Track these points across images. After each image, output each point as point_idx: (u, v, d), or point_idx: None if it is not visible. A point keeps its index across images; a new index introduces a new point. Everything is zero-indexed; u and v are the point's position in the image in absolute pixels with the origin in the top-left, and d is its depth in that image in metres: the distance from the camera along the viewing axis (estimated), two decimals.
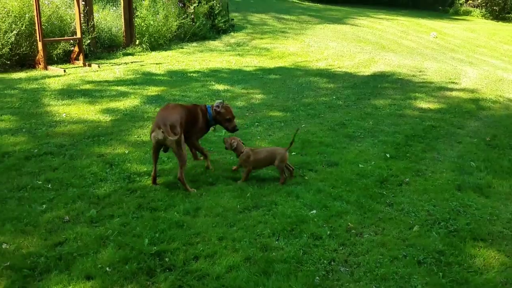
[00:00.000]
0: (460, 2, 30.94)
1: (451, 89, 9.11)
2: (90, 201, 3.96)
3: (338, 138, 5.84)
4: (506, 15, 28.55)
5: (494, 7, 29.52)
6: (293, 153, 5.26)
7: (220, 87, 8.47)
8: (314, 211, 3.88)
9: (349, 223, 3.71)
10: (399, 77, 10.14)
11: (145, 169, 4.68)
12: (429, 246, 3.39)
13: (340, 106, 7.51)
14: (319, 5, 25.05)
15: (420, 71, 11.02)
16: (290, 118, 6.70)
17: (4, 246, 3.23)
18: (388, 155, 5.28)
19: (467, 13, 30.05)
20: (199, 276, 2.99)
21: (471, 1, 31.11)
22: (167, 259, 3.15)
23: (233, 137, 4.67)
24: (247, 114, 6.83)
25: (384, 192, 4.32)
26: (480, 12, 30.00)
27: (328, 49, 13.64)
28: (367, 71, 10.72)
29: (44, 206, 3.82)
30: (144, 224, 3.59)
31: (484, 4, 30.33)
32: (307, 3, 25.48)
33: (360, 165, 4.95)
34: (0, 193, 3.97)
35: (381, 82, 9.51)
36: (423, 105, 7.77)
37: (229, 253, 3.24)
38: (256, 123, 6.35)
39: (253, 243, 3.37)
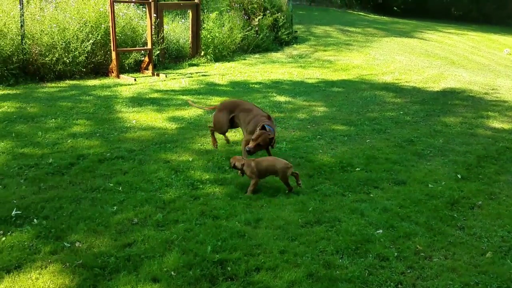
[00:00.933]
0: None
1: None
2: (157, 205, 4.10)
3: (405, 155, 5.63)
4: None
5: None
6: (357, 168, 5.14)
7: (282, 98, 8.49)
8: (380, 231, 3.75)
9: (417, 246, 3.55)
10: (470, 95, 9.63)
11: (208, 176, 4.77)
12: (503, 275, 3.16)
13: (408, 122, 7.25)
14: (385, 18, 24.50)
15: (492, 89, 10.40)
16: (354, 132, 6.56)
17: (77, 244, 3.41)
18: (459, 176, 5.00)
19: None
20: None
21: None
22: (229, 268, 3.17)
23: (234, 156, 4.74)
24: (308, 126, 6.78)
25: (455, 215, 4.08)
26: None
27: (394, 62, 13.27)
28: (436, 86, 10.29)
29: (115, 207, 4.01)
30: (207, 231, 3.65)
31: None
32: (373, 16, 25.03)
33: (429, 185, 4.74)
34: (76, 193, 4.22)
35: (451, 98, 9.08)
36: (496, 124, 7.31)
37: (291, 267, 3.20)
38: (318, 136, 6.29)
39: (315, 259, 3.31)
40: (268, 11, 14.26)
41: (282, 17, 14.73)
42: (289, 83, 9.93)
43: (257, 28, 13.87)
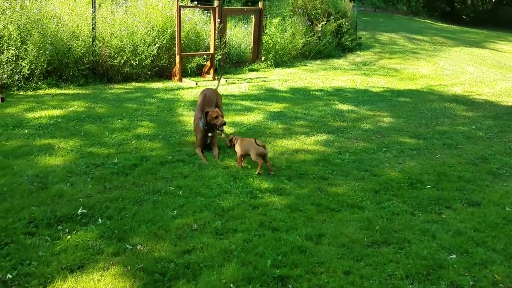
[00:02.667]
0: None
1: None
2: (216, 212, 4.04)
3: (479, 174, 5.20)
4: None
5: None
6: (427, 186, 4.80)
7: (344, 107, 8.22)
8: (454, 256, 3.43)
9: (495, 275, 3.20)
10: None
11: (266, 185, 4.65)
12: None
13: (481, 137, 6.74)
14: (454, 27, 23.34)
15: None
16: (423, 146, 6.18)
17: (139, 247, 3.41)
18: None
19: None
20: None
21: None
22: (290, 286, 3.02)
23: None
24: (373, 138, 6.47)
25: None
26: None
27: (464, 73, 12.51)
28: (510, 101, 9.55)
29: (175, 211, 3.99)
30: (267, 243, 3.52)
31: None
32: (441, 24, 23.92)
33: (507, 208, 4.32)
34: (138, 195, 4.26)
35: None
36: None
37: None
38: (384, 149, 5.98)
39: (383, 284, 3.08)
40: (332, 17, 14.00)
41: (347, 23, 14.39)
42: (352, 91, 9.62)
43: (320, 34, 13.65)
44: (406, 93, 9.65)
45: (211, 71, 10.52)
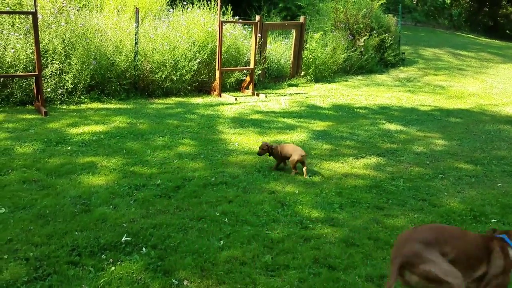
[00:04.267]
0: None
1: None
2: (264, 244, 3.77)
3: None
4: None
5: None
6: (492, 220, 4.38)
7: (392, 126, 7.83)
8: None
9: None
10: None
11: (317, 214, 4.35)
12: None
13: None
14: (499, 42, 22.45)
15: None
16: (482, 173, 5.72)
17: (185, 283, 3.18)
18: None
19: None
20: None
21: None
22: None
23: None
24: (427, 162, 6.06)
25: None
26: None
27: None
28: None
29: (222, 242, 3.75)
30: (323, 285, 3.21)
31: None
32: (484, 39, 23.06)
33: None
34: (183, 221, 4.04)
35: None
36: None
37: None
38: (441, 175, 5.56)
39: None
40: (374, 31, 13.63)
41: (390, 38, 13.99)
42: (399, 109, 9.20)
43: (362, 49, 13.29)
44: (456, 112, 9.14)
45: (251, 86, 10.35)
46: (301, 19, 11.99)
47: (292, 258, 3.57)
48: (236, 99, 9.61)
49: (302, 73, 12.10)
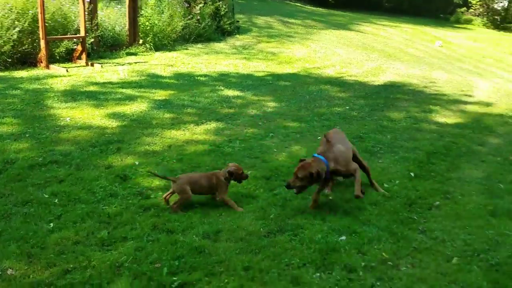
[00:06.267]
0: (461, 10, 30.92)
1: (466, 102, 8.89)
2: (101, 220, 3.66)
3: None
4: (507, 24, 28.53)
5: (495, 17, 29.53)
6: None
7: (230, 92, 8.18)
8: (344, 237, 3.60)
9: (383, 253, 3.43)
10: (410, 88, 9.90)
11: (158, 183, 4.38)
12: (472, 284, 3.12)
13: (355, 117, 7.25)
14: (322, 10, 24.84)
15: (430, 82, 10.79)
16: (306, 129, 6.42)
17: (9, 272, 2.93)
18: (412, 174, 5.00)
19: (468, 21, 30.00)
20: None
21: (472, 10, 31.13)
22: None
23: None
24: (260, 123, 6.54)
25: (415, 217, 4.05)
26: (482, 21, 29.98)
27: (335, 55, 13.39)
28: (376, 80, 10.48)
29: (52, 224, 3.52)
30: (161, 249, 3.29)
31: (485, 13, 30.35)
32: (309, 7, 25.26)
33: (385, 185, 4.68)
34: (5, 208, 3.66)
35: (392, 92, 9.26)
36: (440, 119, 7.53)
37: (258, 286, 2.96)
38: (271, 134, 6.07)
39: (282, 275, 3.09)
40: None
41: (224, 6, 14.32)
42: (236, 76, 9.63)
43: (198, 17, 13.36)
44: (285, 76, 9.98)
45: (83, 56, 9.61)
46: None
47: (131, 229, 3.55)
48: (67, 70, 8.84)
49: (141, 41, 11.67)
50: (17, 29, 8.62)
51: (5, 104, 6.42)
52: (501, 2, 30.51)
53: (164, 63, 10.45)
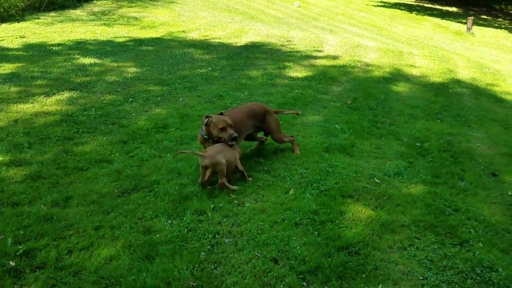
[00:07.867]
0: None
1: (316, 57, 9.71)
2: None
3: (216, 110, 5.83)
4: None
5: None
6: (172, 128, 5.14)
7: (87, 60, 7.81)
8: (197, 188, 3.85)
9: (231, 195, 3.78)
10: (269, 47, 10.45)
11: (2, 158, 4.14)
12: (304, 208, 3.63)
13: (216, 77, 7.51)
14: None
15: (287, 41, 11.49)
16: (167, 92, 6.50)
17: None
18: None
19: None
20: (74, 271, 2.80)
21: None
22: (37, 258, 2.87)
23: None
24: (119, 89, 6.43)
25: (262, 160, 4.48)
26: None
27: (199, 18, 13.42)
28: (239, 41, 10.83)
29: None
30: (5, 222, 3.20)
31: None
32: None
33: None
34: None
35: (253, 52, 9.70)
36: (292, 73, 8.16)
37: (108, 242, 3.08)
38: (131, 99, 6.03)
39: (134, 228, 3.24)
40: None
41: None
42: (94, 43, 9.17)
43: None
44: (148, 41, 9.79)
45: None
46: None
47: None
48: None
49: None
50: None
51: None
52: None
53: (12, 34, 9.49)
